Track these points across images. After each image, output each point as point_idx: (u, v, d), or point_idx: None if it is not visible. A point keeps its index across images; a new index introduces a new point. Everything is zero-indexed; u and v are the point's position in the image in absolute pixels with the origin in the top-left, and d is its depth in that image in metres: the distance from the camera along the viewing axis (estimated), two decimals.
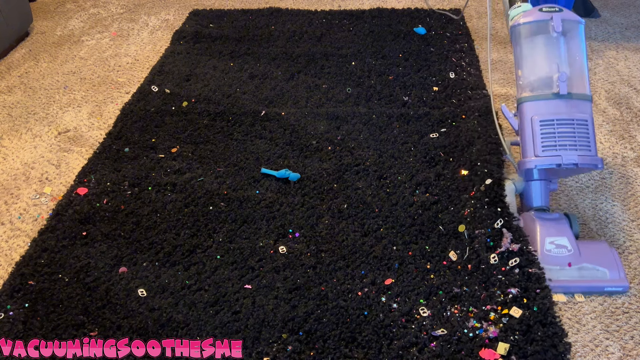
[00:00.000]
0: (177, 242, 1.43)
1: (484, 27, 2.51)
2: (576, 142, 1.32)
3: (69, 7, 2.90)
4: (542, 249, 1.32)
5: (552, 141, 1.33)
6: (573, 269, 1.30)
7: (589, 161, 1.31)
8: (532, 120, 1.36)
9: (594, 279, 1.29)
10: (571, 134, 1.32)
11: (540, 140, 1.34)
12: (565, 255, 1.30)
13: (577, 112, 1.34)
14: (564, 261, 1.30)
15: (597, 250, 1.33)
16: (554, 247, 1.31)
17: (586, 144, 1.32)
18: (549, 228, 1.34)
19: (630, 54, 2.25)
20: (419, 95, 1.99)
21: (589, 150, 1.32)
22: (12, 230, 1.53)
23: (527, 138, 1.37)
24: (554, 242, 1.32)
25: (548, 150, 1.33)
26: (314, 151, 1.74)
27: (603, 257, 1.32)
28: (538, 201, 1.42)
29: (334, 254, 1.39)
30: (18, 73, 2.30)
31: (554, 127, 1.34)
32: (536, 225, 1.36)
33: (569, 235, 1.33)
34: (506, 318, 1.19)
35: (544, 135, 1.34)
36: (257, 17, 2.60)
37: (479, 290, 1.26)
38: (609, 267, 1.30)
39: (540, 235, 1.34)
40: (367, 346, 1.17)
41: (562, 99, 1.35)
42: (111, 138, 1.83)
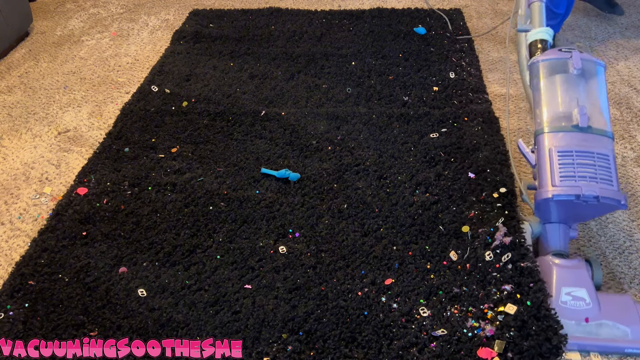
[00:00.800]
0: (177, 242, 1.43)
1: (484, 27, 2.51)
2: (597, 175, 1.23)
3: (69, 7, 2.90)
4: (557, 300, 1.21)
5: (570, 171, 1.24)
6: (591, 325, 1.18)
7: (611, 195, 1.19)
8: (550, 151, 1.28)
9: (613, 338, 1.17)
10: (591, 165, 1.24)
11: (558, 170, 1.25)
12: (582, 308, 1.19)
13: (597, 146, 1.26)
14: (581, 316, 1.18)
15: (619, 305, 1.21)
16: (571, 299, 1.20)
17: (608, 178, 1.22)
18: (567, 276, 1.24)
19: (630, 54, 2.25)
20: (419, 95, 1.99)
21: (611, 185, 1.21)
22: (12, 230, 1.53)
23: (544, 169, 1.28)
24: (571, 293, 1.21)
25: (566, 180, 1.23)
26: (314, 151, 1.73)
27: (625, 313, 1.20)
28: (556, 244, 1.31)
29: (334, 254, 1.39)
30: (18, 73, 2.30)
31: (573, 157, 1.25)
32: (553, 272, 1.25)
33: (588, 286, 1.22)
34: (502, 315, 1.19)
35: (562, 165, 1.25)
36: (257, 17, 2.60)
37: (477, 290, 1.27)
38: (631, 325, 1.18)
39: (556, 284, 1.23)
40: (367, 346, 1.17)
41: (582, 132, 1.28)
42: (111, 138, 1.83)
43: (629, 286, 1.31)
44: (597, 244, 1.42)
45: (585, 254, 1.41)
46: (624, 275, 1.34)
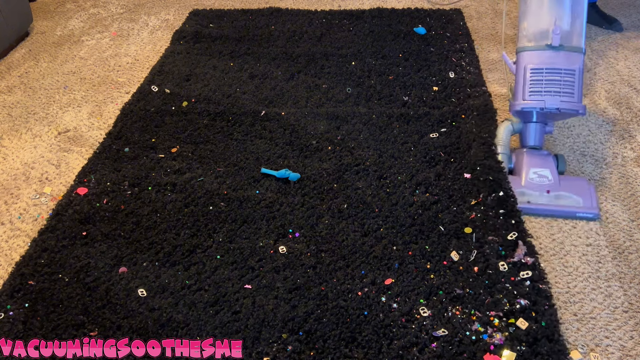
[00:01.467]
0: (177, 242, 1.43)
1: (484, 27, 2.51)
2: (560, 90, 1.51)
3: (69, 7, 2.90)
4: (526, 176, 1.53)
5: (539, 87, 1.53)
6: (551, 196, 1.49)
7: (571, 107, 1.50)
8: (525, 68, 1.56)
9: (568, 205, 1.48)
10: (557, 81, 1.51)
11: (528, 86, 1.54)
12: (545, 183, 1.51)
13: (566, 63, 1.52)
14: (544, 188, 1.50)
15: (575, 183, 1.53)
16: (537, 177, 1.52)
17: (570, 91, 1.51)
18: (535, 160, 1.55)
19: (630, 54, 2.25)
20: (419, 95, 1.99)
21: (572, 97, 1.50)
22: (12, 230, 1.53)
23: (519, 84, 1.57)
24: (537, 172, 1.52)
25: (534, 95, 1.53)
26: (314, 151, 1.73)
27: (579, 188, 1.51)
28: (532, 141, 1.61)
29: (334, 254, 1.39)
30: (18, 73, 2.30)
31: (543, 74, 1.53)
32: (524, 158, 1.56)
33: (551, 168, 1.53)
34: (513, 328, 1.18)
35: (532, 81, 1.53)
36: (257, 17, 2.60)
37: (483, 295, 1.26)
38: (583, 196, 1.48)
39: (525, 165, 1.54)
40: (367, 346, 1.17)
41: (554, 50, 1.53)
42: (111, 138, 1.83)
43: (628, 286, 1.31)
44: (596, 243, 1.42)
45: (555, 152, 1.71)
46: (624, 275, 1.34)
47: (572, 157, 1.72)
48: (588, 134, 1.82)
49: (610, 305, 1.27)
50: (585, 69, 2.09)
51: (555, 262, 1.38)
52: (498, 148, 1.61)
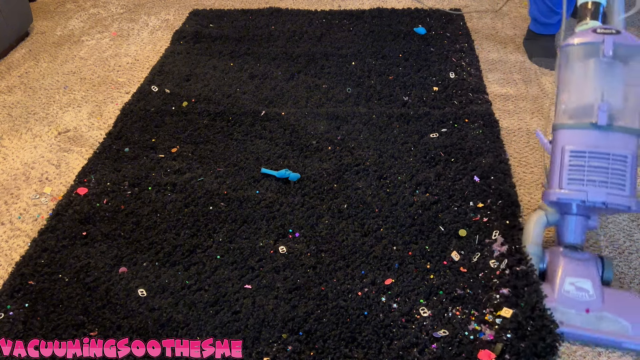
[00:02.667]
0: (177, 242, 1.43)
1: (484, 27, 2.51)
2: (608, 179, 1.20)
3: (69, 7, 2.90)
4: (560, 288, 1.20)
5: (580, 174, 1.23)
6: (591, 316, 1.17)
7: (619, 201, 1.19)
8: (563, 149, 1.26)
9: (612, 332, 1.15)
10: (604, 169, 1.21)
11: (567, 172, 1.24)
12: (584, 300, 1.18)
13: (616, 147, 1.22)
14: (582, 306, 1.18)
15: (624, 300, 1.20)
16: (574, 289, 1.20)
17: (620, 182, 1.20)
18: (574, 267, 1.23)
19: None
20: (419, 95, 1.99)
21: (622, 190, 1.20)
22: (12, 230, 1.53)
23: (555, 168, 1.27)
24: (574, 283, 1.20)
25: (574, 183, 1.23)
26: (314, 151, 1.74)
27: (628, 309, 1.18)
28: (570, 238, 1.29)
29: (334, 254, 1.39)
30: (18, 73, 2.30)
31: (585, 159, 1.22)
32: (560, 262, 1.25)
33: (594, 278, 1.20)
34: (500, 319, 1.19)
35: (572, 167, 1.24)
36: (257, 17, 2.60)
37: (481, 294, 1.26)
38: (633, 320, 1.16)
39: (561, 272, 1.23)
40: (367, 346, 1.17)
41: (600, 130, 1.23)
42: (111, 138, 1.83)
43: (628, 286, 1.31)
44: (596, 244, 1.42)
45: (600, 252, 1.40)
46: (624, 275, 1.34)
47: None
48: None
49: None
50: None
51: None
52: (527, 248, 1.30)
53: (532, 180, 1.63)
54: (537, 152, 1.73)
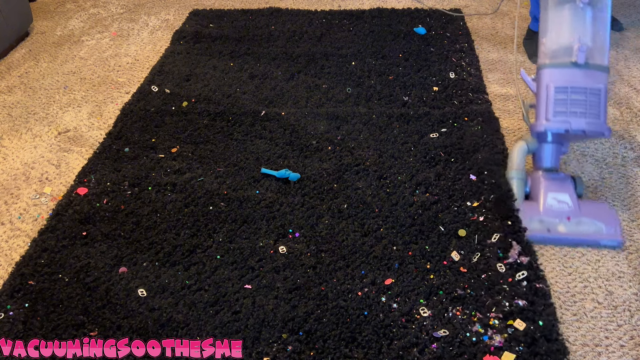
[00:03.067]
0: (177, 242, 1.43)
1: (484, 27, 2.51)
2: (586, 110, 1.40)
3: (69, 7, 2.90)
4: (544, 203, 1.43)
5: (563, 107, 1.42)
6: (572, 223, 1.41)
7: (596, 128, 1.40)
8: (548, 86, 1.45)
9: (590, 233, 1.40)
10: (583, 102, 1.41)
11: (553, 106, 1.43)
12: (565, 210, 1.42)
13: (592, 82, 1.41)
14: (564, 215, 1.41)
15: (596, 208, 1.44)
16: (556, 202, 1.43)
17: (596, 112, 1.40)
18: (553, 185, 1.46)
19: (630, 54, 2.25)
20: (419, 95, 1.99)
21: (598, 119, 1.41)
22: (12, 230, 1.53)
23: (542, 103, 1.46)
24: (556, 197, 1.43)
25: (559, 115, 1.43)
26: (314, 151, 1.73)
27: (601, 213, 1.42)
28: (548, 162, 1.51)
29: (334, 254, 1.39)
30: (18, 73, 2.30)
31: (568, 94, 1.42)
32: (541, 182, 1.47)
33: (570, 192, 1.44)
34: (511, 329, 1.18)
35: (557, 101, 1.43)
36: (257, 17, 2.60)
37: (484, 296, 1.26)
38: (605, 222, 1.40)
39: (544, 190, 1.45)
40: (367, 346, 1.17)
41: (579, 68, 1.42)
42: (111, 138, 1.83)
43: (628, 285, 1.31)
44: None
45: (571, 172, 1.63)
46: (624, 275, 1.34)
47: (572, 157, 1.72)
48: None
49: (610, 305, 1.27)
50: None
51: (555, 262, 1.38)
52: (512, 172, 1.51)
53: None
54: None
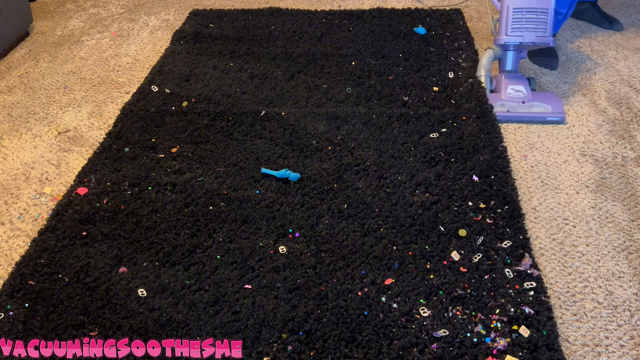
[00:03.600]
0: (177, 242, 1.43)
1: (484, 27, 2.51)
2: (536, 26, 1.84)
3: (69, 7, 2.90)
4: (505, 92, 1.90)
5: (519, 24, 1.85)
6: (526, 105, 1.87)
7: (543, 40, 1.84)
8: (508, 7, 1.86)
9: (540, 112, 1.86)
10: (534, 19, 1.83)
11: (511, 23, 1.86)
12: (521, 96, 1.88)
13: (541, 3, 1.82)
14: (520, 100, 1.88)
15: (545, 95, 1.91)
16: (514, 92, 1.89)
17: (544, 27, 1.83)
18: (512, 79, 1.92)
19: (630, 54, 2.25)
20: (419, 95, 1.99)
21: (545, 32, 1.84)
22: (12, 230, 1.53)
23: (502, 20, 1.89)
24: (514, 88, 1.89)
25: (515, 31, 1.86)
26: (314, 151, 1.74)
27: (549, 99, 1.88)
28: (509, 66, 1.97)
29: (334, 254, 1.39)
30: (18, 73, 2.30)
31: (523, 13, 1.84)
32: (503, 78, 1.94)
33: (525, 84, 1.90)
34: (515, 334, 1.18)
35: (514, 19, 1.85)
36: (257, 17, 2.60)
37: (487, 297, 1.26)
38: (552, 104, 1.86)
39: (504, 83, 1.91)
40: (367, 346, 1.17)
41: None
42: (111, 138, 1.83)
43: (628, 285, 1.31)
44: (596, 243, 1.42)
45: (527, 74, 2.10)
46: (624, 275, 1.34)
47: (572, 156, 1.72)
48: (588, 134, 1.82)
49: (610, 305, 1.27)
50: (584, 69, 2.15)
51: (555, 262, 1.38)
52: (481, 71, 1.98)
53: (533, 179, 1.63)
54: None
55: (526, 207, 1.54)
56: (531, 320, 1.21)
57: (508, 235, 1.42)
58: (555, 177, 1.64)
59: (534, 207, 1.54)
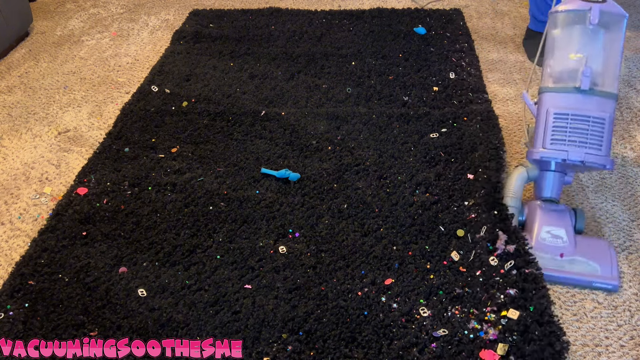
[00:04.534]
0: (177, 242, 1.43)
1: (484, 27, 2.51)
2: (587, 140, 1.32)
3: (69, 7, 2.90)
4: (537, 236, 1.34)
5: (562, 135, 1.34)
6: (564, 260, 1.32)
7: (596, 160, 1.31)
8: (548, 111, 1.36)
9: (583, 273, 1.30)
10: (584, 130, 1.32)
11: (550, 133, 1.35)
12: (559, 245, 1.33)
13: (596, 110, 1.32)
14: (557, 251, 1.32)
15: (594, 246, 1.35)
16: (550, 237, 1.34)
17: (598, 143, 1.32)
18: (549, 217, 1.36)
19: (630, 54, 2.25)
20: (419, 95, 1.99)
21: (599, 150, 1.32)
22: (12, 230, 1.53)
23: (540, 129, 1.38)
24: (550, 231, 1.34)
25: (556, 143, 1.34)
26: (314, 151, 1.74)
27: (598, 253, 1.33)
28: (548, 192, 1.41)
29: (334, 254, 1.39)
30: (18, 73, 2.30)
31: (568, 121, 1.34)
32: (537, 213, 1.38)
33: (567, 227, 1.34)
34: (505, 320, 1.19)
35: (555, 128, 1.35)
36: (257, 17, 2.60)
37: (480, 292, 1.26)
38: (601, 263, 1.31)
39: (538, 222, 1.36)
40: (367, 346, 1.17)
41: (582, 94, 1.33)
42: (111, 138, 1.83)
43: (628, 285, 1.31)
44: None
45: (574, 205, 1.53)
46: (624, 275, 1.34)
47: None
48: None
49: (610, 305, 1.27)
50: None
51: None
52: (508, 200, 1.44)
53: None
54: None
55: None
56: (518, 300, 1.21)
57: (484, 220, 1.41)
58: None
59: None
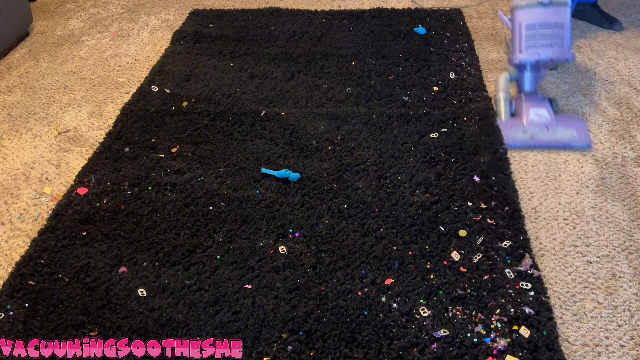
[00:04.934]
0: (177, 242, 1.43)
1: (484, 27, 2.51)
2: (552, 42, 1.72)
3: (69, 7, 2.90)
4: (528, 117, 1.77)
5: (533, 41, 1.74)
6: (550, 131, 1.74)
7: (561, 55, 1.73)
8: (520, 24, 1.76)
9: (565, 138, 1.73)
10: (549, 35, 1.72)
11: (524, 41, 1.75)
12: (544, 121, 1.75)
13: (556, 17, 1.71)
14: (543, 125, 1.74)
15: (569, 119, 1.80)
16: (536, 116, 1.76)
17: (560, 42, 1.72)
18: (533, 102, 1.79)
19: (630, 54, 2.25)
20: (419, 95, 1.99)
21: (562, 47, 1.73)
22: (12, 230, 1.53)
23: (516, 39, 1.78)
24: (536, 112, 1.77)
25: (530, 48, 1.75)
26: (314, 151, 1.74)
27: (573, 123, 1.76)
28: (528, 86, 1.83)
29: (334, 254, 1.39)
30: (18, 73, 2.30)
31: (536, 29, 1.73)
32: (524, 102, 1.79)
33: (547, 108, 1.77)
34: (515, 334, 1.18)
35: (528, 36, 1.75)
36: (257, 17, 2.60)
37: (487, 297, 1.26)
38: (577, 130, 1.74)
39: (526, 108, 1.78)
40: (367, 346, 1.17)
41: (544, 7, 1.73)
42: (111, 138, 1.83)
43: (628, 285, 1.31)
44: (596, 243, 1.42)
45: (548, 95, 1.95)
46: (624, 275, 1.34)
47: (572, 157, 1.72)
48: None
49: (610, 305, 1.27)
50: (585, 68, 2.14)
51: (555, 262, 1.38)
52: (500, 93, 1.83)
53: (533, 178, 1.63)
54: None
55: (526, 207, 1.54)
56: (531, 321, 1.21)
57: (508, 235, 1.42)
58: (555, 177, 1.64)
59: (534, 207, 1.54)
